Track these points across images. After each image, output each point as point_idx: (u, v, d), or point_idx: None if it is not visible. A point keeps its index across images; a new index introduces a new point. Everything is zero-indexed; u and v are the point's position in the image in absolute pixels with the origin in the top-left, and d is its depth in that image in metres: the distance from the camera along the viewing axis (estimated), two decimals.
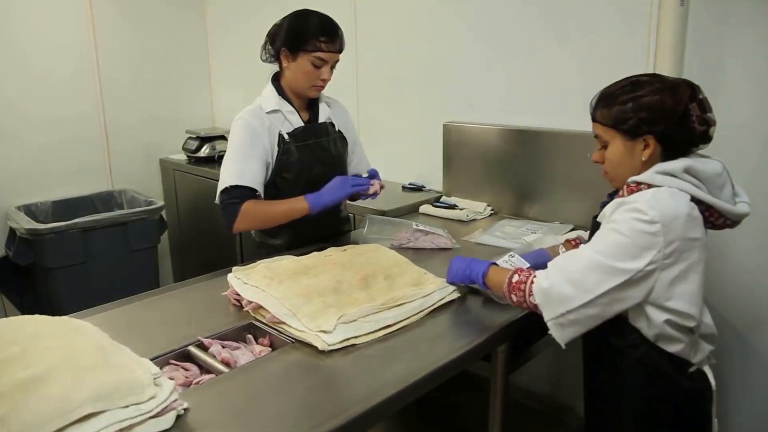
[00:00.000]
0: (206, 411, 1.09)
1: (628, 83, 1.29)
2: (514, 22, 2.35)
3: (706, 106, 1.26)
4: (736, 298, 1.94)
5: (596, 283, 1.20)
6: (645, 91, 1.25)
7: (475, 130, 2.50)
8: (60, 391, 0.94)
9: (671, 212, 1.18)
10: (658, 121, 1.24)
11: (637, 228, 1.18)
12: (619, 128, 1.28)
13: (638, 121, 1.25)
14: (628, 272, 1.18)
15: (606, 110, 1.30)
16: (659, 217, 1.16)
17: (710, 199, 1.24)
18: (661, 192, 1.21)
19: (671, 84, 1.26)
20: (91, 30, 3.40)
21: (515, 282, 1.34)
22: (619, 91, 1.29)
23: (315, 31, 1.80)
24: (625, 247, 1.18)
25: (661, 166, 1.25)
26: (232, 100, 3.93)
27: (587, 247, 1.26)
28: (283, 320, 1.40)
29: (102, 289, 2.99)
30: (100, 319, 1.43)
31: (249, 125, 1.86)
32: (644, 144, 1.27)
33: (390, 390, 1.16)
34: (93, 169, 3.52)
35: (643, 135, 1.26)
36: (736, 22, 1.79)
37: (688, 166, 1.23)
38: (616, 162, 1.32)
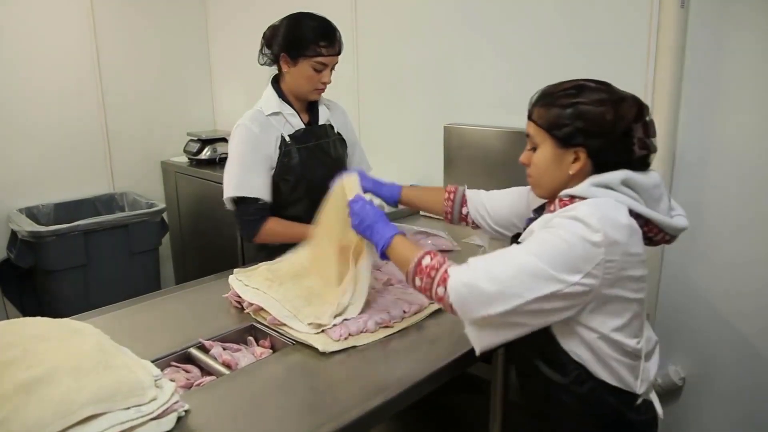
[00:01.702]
0: (207, 412, 1.09)
1: (573, 86, 1.18)
2: (515, 24, 2.35)
3: (650, 129, 1.17)
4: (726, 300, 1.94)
5: (527, 287, 1.06)
6: (588, 99, 1.14)
7: (476, 132, 2.51)
8: (61, 393, 0.95)
9: (614, 223, 1.08)
10: (594, 135, 1.13)
11: (578, 235, 1.06)
12: (552, 133, 1.17)
13: (574, 130, 1.14)
14: (563, 282, 1.05)
15: (543, 110, 1.19)
16: (601, 226, 1.06)
17: (649, 213, 1.16)
18: (601, 201, 1.11)
19: (618, 97, 1.15)
20: (93, 33, 3.41)
21: (425, 266, 1.18)
22: (562, 92, 1.18)
23: (314, 36, 1.81)
24: (564, 255, 1.06)
25: (597, 177, 1.15)
26: (233, 102, 3.93)
27: (520, 248, 1.12)
28: (284, 322, 1.40)
29: (103, 291, 3.00)
30: (102, 321, 1.43)
31: (251, 133, 1.87)
32: (575, 156, 1.16)
33: (391, 391, 1.16)
34: (94, 172, 3.53)
35: (576, 147, 1.15)
36: (736, 23, 1.79)
37: (625, 178, 1.14)
38: (542, 168, 1.21)
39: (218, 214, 3.35)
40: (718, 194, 1.90)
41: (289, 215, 1.95)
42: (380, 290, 1.58)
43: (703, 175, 1.92)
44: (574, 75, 2.16)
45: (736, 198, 1.87)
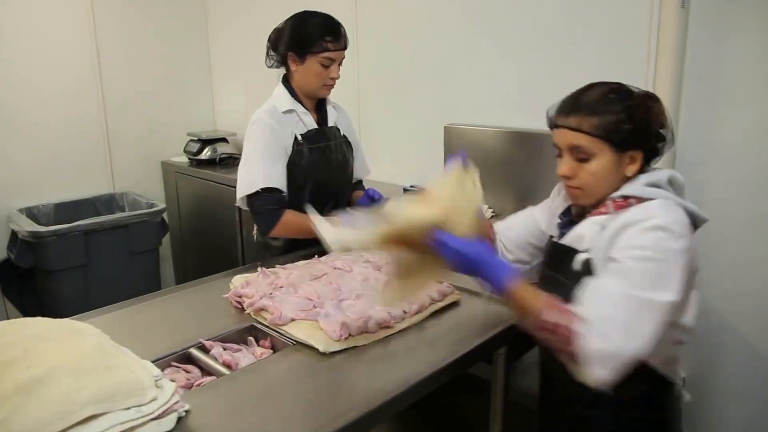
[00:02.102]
0: (207, 413, 1.09)
1: (609, 90, 1.19)
2: (515, 23, 2.35)
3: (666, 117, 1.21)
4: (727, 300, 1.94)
5: (648, 324, 1.05)
6: (634, 101, 1.16)
7: (477, 133, 2.50)
8: (61, 393, 0.94)
9: (685, 225, 1.11)
10: (645, 134, 1.17)
11: (671, 248, 1.07)
12: (610, 139, 1.15)
13: (628, 133, 1.15)
14: (673, 299, 1.07)
15: (592, 119, 1.16)
16: (681, 229, 1.09)
17: (695, 210, 1.18)
18: (665, 204, 1.13)
19: (650, 94, 1.21)
20: (93, 33, 3.41)
21: (550, 323, 1.09)
22: (604, 98, 1.17)
23: (320, 32, 1.82)
24: (666, 273, 1.06)
25: (647, 178, 1.17)
26: (233, 102, 3.93)
27: (620, 285, 1.07)
28: (285, 323, 1.40)
29: (103, 291, 3.00)
30: (102, 321, 1.43)
31: (270, 126, 1.88)
32: (630, 158, 1.18)
33: (391, 392, 1.16)
34: (94, 172, 3.53)
35: (632, 149, 1.17)
36: (736, 24, 1.80)
37: (671, 177, 1.18)
38: (601, 176, 1.18)
39: (218, 214, 3.35)
40: (718, 194, 1.90)
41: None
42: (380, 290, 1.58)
43: (703, 175, 1.92)
44: (575, 75, 2.17)
45: (736, 198, 1.87)
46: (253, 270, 1.72)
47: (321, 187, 1.96)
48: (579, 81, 2.16)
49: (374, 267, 1.71)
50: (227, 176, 3.25)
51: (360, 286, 1.59)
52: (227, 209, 3.22)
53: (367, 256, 1.78)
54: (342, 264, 1.72)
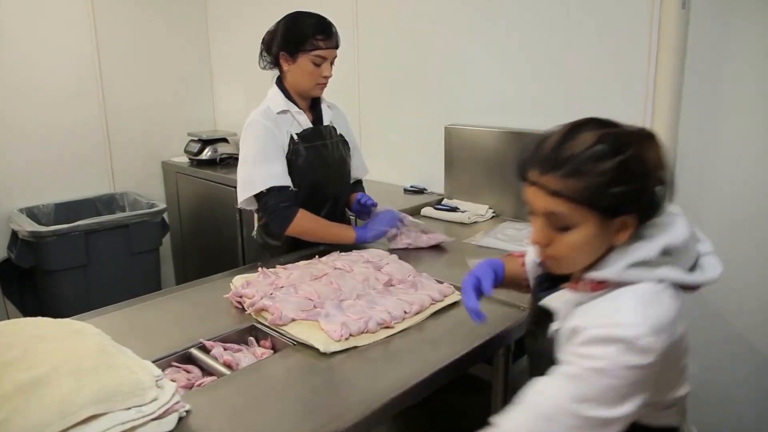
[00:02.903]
0: (208, 413, 1.09)
1: (597, 140, 0.92)
2: (516, 25, 2.35)
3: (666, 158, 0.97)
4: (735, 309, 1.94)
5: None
6: (628, 155, 0.90)
7: (477, 133, 2.50)
8: (62, 393, 0.95)
9: (665, 326, 0.89)
10: (642, 193, 0.92)
11: (629, 365, 0.86)
12: (597, 206, 0.91)
13: (620, 196, 0.91)
14: (624, 417, 0.89)
15: (577, 180, 0.91)
16: (653, 340, 0.87)
17: (691, 281, 0.96)
18: (644, 299, 0.91)
19: (644, 134, 0.95)
20: (93, 33, 3.41)
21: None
22: (591, 153, 0.91)
23: (311, 31, 1.84)
24: (617, 389, 0.88)
25: (633, 255, 0.94)
26: (234, 102, 3.93)
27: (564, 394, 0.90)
28: (285, 323, 1.40)
29: (104, 291, 3.00)
30: (102, 322, 1.43)
31: (266, 127, 1.88)
32: (620, 224, 0.93)
33: (391, 392, 1.16)
34: (95, 172, 3.53)
35: (623, 214, 0.93)
36: (737, 24, 1.79)
37: (664, 246, 0.94)
38: (582, 249, 0.96)
39: (219, 214, 3.35)
40: (718, 195, 1.90)
41: None
42: (381, 291, 1.58)
43: (703, 176, 1.92)
44: (575, 76, 2.18)
45: (737, 199, 1.87)
46: (254, 270, 1.72)
47: (319, 185, 1.96)
48: (580, 81, 2.18)
49: (375, 267, 1.71)
50: (228, 176, 3.25)
51: (360, 286, 1.59)
52: (228, 209, 3.22)
53: (367, 257, 1.78)
54: (342, 264, 1.72)
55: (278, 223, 1.86)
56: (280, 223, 1.86)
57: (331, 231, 1.91)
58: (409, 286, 1.61)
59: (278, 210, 1.85)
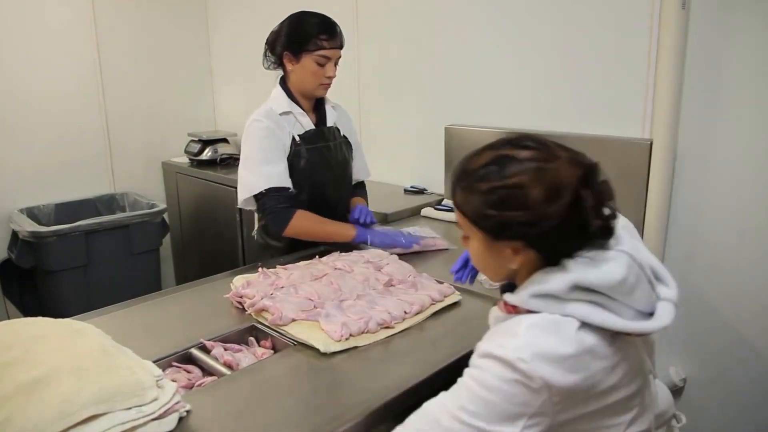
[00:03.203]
0: (208, 413, 1.09)
1: (492, 159, 0.94)
2: (516, 25, 2.35)
3: (605, 192, 0.93)
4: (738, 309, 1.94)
5: None
6: (513, 179, 0.90)
7: (477, 133, 2.50)
8: (62, 394, 0.95)
9: (553, 355, 0.86)
10: (529, 222, 0.90)
11: (508, 385, 0.86)
12: (480, 225, 0.95)
13: (502, 221, 0.91)
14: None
15: (464, 194, 0.96)
16: (535, 367, 0.85)
17: (610, 324, 0.90)
18: (537, 327, 0.89)
19: (553, 165, 0.91)
20: (94, 33, 3.41)
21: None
22: (481, 170, 0.94)
23: (315, 30, 1.82)
24: (497, 406, 0.87)
25: (539, 285, 0.92)
26: (234, 103, 3.94)
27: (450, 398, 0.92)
28: (285, 323, 1.40)
29: (104, 291, 3.00)
30: (103, 322, 1.43)
31: (268, 128, 1.87)
32: (512, 249, 0.95)
33: (392, 392, 1.16)
34: (95, 172, 3.53)
35: (510, 239, 0.94)
36: (737, 25, 1.80)
37: (575, 282, 0.89)
38: (479, 261, 1.01)
39: (219, 215, 3.36)
40: (718, 195, 1.90)
41: None
42: (381, 291, 1.58)
43: (703, 177, 1.92)
44: (575, 77, 2.18)
45: (737, 199, 1.87)
46: (254, 270, 1.72)
47: (320, 187, 1.96)
48: (580, 82, 2.18)
49: (375, 267, 1.71)
50: (228, 177, 3.25)
51: (361, 286, 1.59)
52: (228, 209, 3.22)
53: (367, 257, 1.78)
54: (343, 264, 1.72)
55: (276, 224, 1.86)
56: (278, 224, 1.86)
57: (329, 229, 1.90)
58: (409, 287, 1.61)
59: (276, 211, 1.84)
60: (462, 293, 1.60)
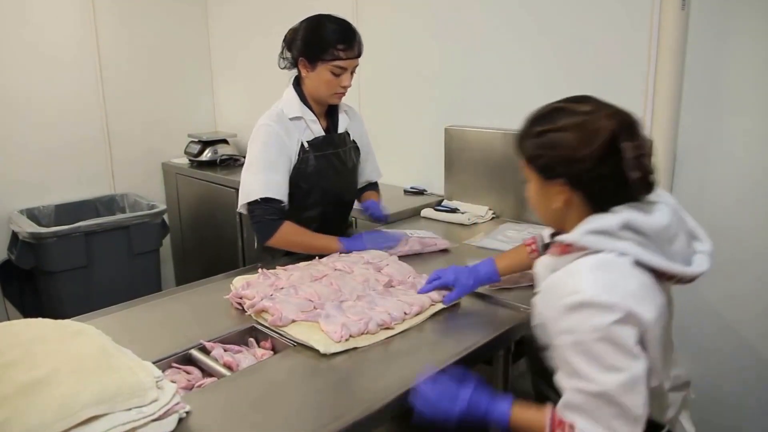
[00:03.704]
0: (208, 414, 1.09)
1: (549, 110, 1.07)
2: (516, 26, 2.35)
3: (644, 147, 1.03)
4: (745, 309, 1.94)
5: (630, 406, 0.95)
6: (558, 125, 1.04)
7: (477, 134, 2.51)
8: (62, 394, 0.95)
9: (619, 288, 0.96)
10: (572, 163, 1.02)
11: (599, 325, 0.95)
12: (532, 165, 1.08)
13: (549, 161, 1.04)
14: (639, 369, 0.96)
15: (523, 140, 1.10)
16: (611, 297, 0.95)
17: (657, 263, 1.01)
18: (598, 266, 0.99)
19: (596, 117, 1.03)
20: (94, 34, 3.41)
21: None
22: (537, 119, 1.08)
23: (332, 39, 1.77)
24: (609, 354, 0.95)
25: (594, 222, 1.02)
26: (234, 103, 3.94)
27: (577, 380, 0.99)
28: (285, 324, 1.40)
29: (104, 292, 3.00)
30: (103, 323, 1.43)
31: (276, 134, 1.83)
32: (558, 189, 1.06)
33: (392, 393, 1.16)
34: (95, 173, 3.53)
35: (555, 178, 1.05)
36: (737, 25, 1.80)
37: (626, 222, 1.00)
38: (534, 202, 1.13)
39: (219, 216, 3.36)
40: (718, 195, 1.90)
41: (300, 222, 1.95)
42: (381, 292, 1.58)
43: (703, 177, 1.92)
44: (575, 78, 2.18)
45: (737, 199, 1.87)
46: (254, 271, 1.72)
47: (326, 194, 1.94)
48: (580, 83, 2.18)
49: (375, 268, 1.71)
50: (228, 178, 3.25)
51: (360, 287, 1.59)
52: (228, 210, 3.22)
53: (367, 258, 1.78)
54: (342, 265, 1.72)
55: (262, 234, 1.83)
56: (264, 235, 1.83)
57: (314, 243, 1.85)
58: (409, 287, 1.61)
59: (263, 222, 1.81)
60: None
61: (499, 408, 1.09)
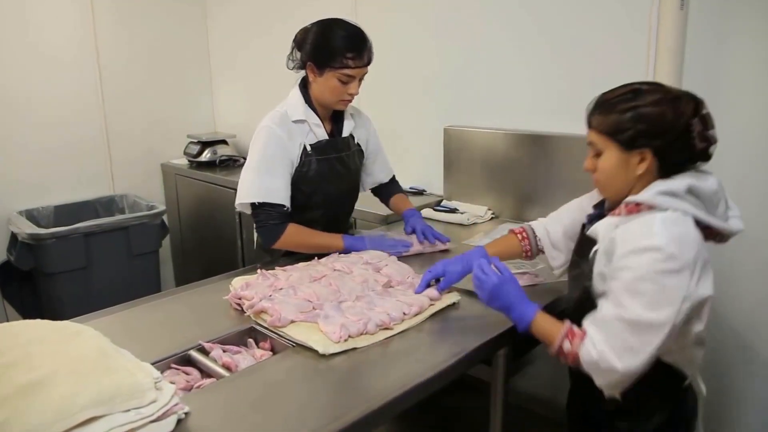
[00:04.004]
0: (207, 415, 1.09)
1: (629, 90, 1.22)
2: (515, 26, 2.35)
3: (708, 122, 1.19)
4: (739, 304, 1.94)
5: (643, 343, 1.11)
6: (646, 102, 1.18)
7: (476, 134, 2.51)
8: (61, 396, 0.95)
9: (688, 241, 1.12)
10: (656, 135, 1.17)
11: (661, 270, 1.09)
12: (616, 138, 1.21)
13: (636, 133, 1.18)
14: (669, 321, 1.09)
15: (603, 117, 1.23)
16: (679, 250, 1.09)
17: (713, 222, 1.18)
18: (669, 220, 1.14)
19: (674, 96, 1.19)
20: (93, 35, 3.41)
21: (566, 351, 1.22)
22: (619, 98, 1.22)
23: (341, 47, 1.74)
24: (657, 295, 1.09)
25: (663, 185, 1.17)
26: (233, 104, 3.93)
27: (616, 306, 1.14)
28: (284, 325, 1.40)
29: (103, 293, 3.00)
30: (102, 324, 1.43)
31: (278, 137, 1.81)
32: (640, 157, 1.20)
33: (391, 393, 1.16)
34: (95, 174, 3.53)
35: (640, 148, 1.19)
36: (736, 25, 1.80)
37: (690, 186, 1.16)
38: (609, 173, 1.25)
39: (218, 216, 3.36)
40: None
41: (302, 224, 1.95)
42: (380, 292, 1.58)
43: None
44: (574, 78, 2.18)
45: (736, 199, 1.86)
46: (253, 272, 1.72)
47: (328, 198, 1.94)
48: (579, 83, 2.18)
49: (374, 269, 1.71)
50: (227, 178, 3.25)
51: (359, 287, 1.59)
52: (227, 211, 3.22)
53: (366, 258, 1.78)
54: (341, 265, 1.72)
55: (267, 238, 1.83)
56: (269, 239, 1.83)
57: (318, 242, 1.86)
58: (408, 288, 1.61)
59: (267, 226, 1.81)
60: (460, 294, 1.60)
61: (526, 309, 1.31)
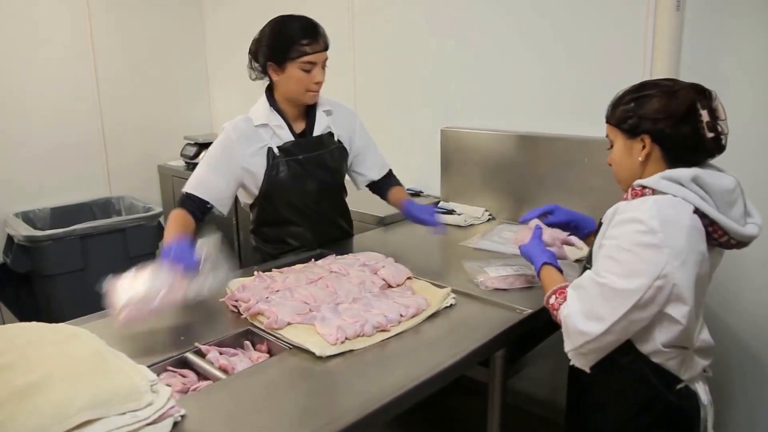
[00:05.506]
0: (203, 417, 1.09)
1: (639, 85, 1.29)
2: (512, 27, 2.36)
3: (718, 113, 1.21)
4: (743, 309, 1.94)
5: (609, 310, 1.16)
6: (649, 92, 1.25)
7: (473, 135, 2.51)
8: (57, 398, 0.94)
9: (679, 226, 1.13)
10: (656, 121, 1.22)
11: (638, 241, 1.13)
12: (620, 127, 1.28)
13: (637, 120, 1.24)
14: (639, 292, 1.12)
15: (613, 111, 1.31)
16: (662, 228, 1.12)
17: (714, 214, 1.17)
18: (663, 200, 1.17)
19: (678, 87, 1.23)
20: (89, 37, 3.41)
21: (551, 304, 1.33)
22: (628, 92, 1.30)
23: (295, 36, 1.75)
24: (630, 264, 1.14)
25: (669, 172, 1.21)
26: (230, 106, 3.93)
27: (594, 272, 1.21)
28: (281, 327, 1.40)
29: (100, 295, 2.98)
30: (98, 326, 1.42)
31: (227, 139, 1.85)
32: (642, 144, 1.25)
33: (388, 395, 1.16)
34: (91, 176, 3.52)
35: (641, 134, 1.25)
36: (732, 26, 1.80)
37: (696, 176, 1.18)
38: (618, 162, 1.31)
39: (215, 218, 3.35)
40: None
41: (286, 228, 1.95)
42: (377, 294, 1.58)
43: None
44: (571, 79, 2.19)
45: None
46: (250, 274, 1.72)
47: (302, 198, 1.92)
48: (576, 84, 2.18)
49: (371, 270, 1.71)
50: None
51: (356, 289, 1.59)
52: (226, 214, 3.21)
53: (363, 260, 1.78)
54: (338, 267, 1.72)
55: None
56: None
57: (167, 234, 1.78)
58: (405, 289, 1.61)
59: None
60: (458, 296, 1.60)
61: (540, 259, 1.46)
